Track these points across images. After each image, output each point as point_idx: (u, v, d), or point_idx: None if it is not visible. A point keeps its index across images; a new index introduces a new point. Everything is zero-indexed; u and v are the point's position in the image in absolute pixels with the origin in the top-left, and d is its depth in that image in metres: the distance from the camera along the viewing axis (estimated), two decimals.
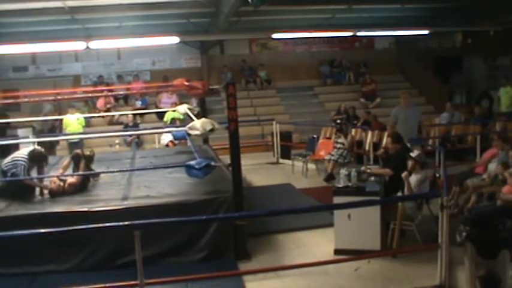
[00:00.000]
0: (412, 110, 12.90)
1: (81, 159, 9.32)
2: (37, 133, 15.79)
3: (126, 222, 5.82)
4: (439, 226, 6.68)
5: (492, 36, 20.05)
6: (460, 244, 6.46)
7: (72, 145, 14.63)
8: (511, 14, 17.35)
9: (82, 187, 8.72)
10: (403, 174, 8.45)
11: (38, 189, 8.54)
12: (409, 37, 21.46)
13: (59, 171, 9.15)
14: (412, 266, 7.43)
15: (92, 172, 9.33)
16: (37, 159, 8.86)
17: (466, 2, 17.27)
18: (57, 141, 16.01)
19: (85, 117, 16.13)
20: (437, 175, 9.45)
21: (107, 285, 6.08)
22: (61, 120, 15.94)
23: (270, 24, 18.51)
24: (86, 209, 7.51)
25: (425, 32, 19.70)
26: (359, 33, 19.62)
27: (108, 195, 8.41)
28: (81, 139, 14.84)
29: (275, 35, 18.83)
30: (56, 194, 8.34)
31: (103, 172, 9.68)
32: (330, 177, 12.45)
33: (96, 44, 16.79)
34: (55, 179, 8.66)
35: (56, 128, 17.21)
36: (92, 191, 8.79)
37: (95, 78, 20.19)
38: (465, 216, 8.46)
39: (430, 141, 14.84)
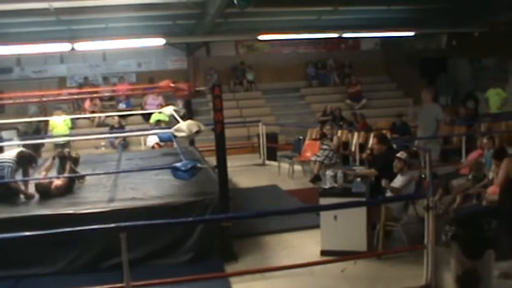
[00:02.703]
0: (430, 108, 12.74)
1: (67, 160, 9.28)
2: (22, 135, 15.71)
3: (112, 225, 5.81)
4: (425, 227, 6.71)
5: (477, 38, 20.17)
6: (446, 244, 6.50)
7: (59, 147, 14.56)
8: (495, 16, 17.47)
9: (68, 189, 8.68)
10: (383, 183, 8.50)
11: (22, 192, 8.49)
12: (394, 38, 21.52)
13: (42, 174, 9.11)
14: (398, 266, 7.46)
15: (78, 174, 9.30)
16: (26, 161, 8.82)
17: (451, 4, 17.37)
18: (43, 143, 15.93)
19: (72, 119, 16.06)
20: (423, 176, 9.49)
21: (93, 287, 6.06)
22: (47, 122, 15.87)
23: (256, 25, 18.50)
24: (71, 212, 7.49)
25: (411, 33, 19.75)
26: (345, 35, 19.64)
27: (94, 197, 8.38)
28: (68, 141, 14.78)
29: (261, 37, 18.82)
30: (43, 192, 8.30)
31: (89, 174, 9.65)
32: (316, 179, 12.47)
33: (81, 46, 16.68)
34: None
35: (41, 130, 17.13)
36: (78, 193, 8.75)
37: (80, 79, 20.10)
38: (451, 216, 8.51)
39: (416, 142, 14.87)
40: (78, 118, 17.47)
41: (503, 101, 17.51)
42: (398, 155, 8.73)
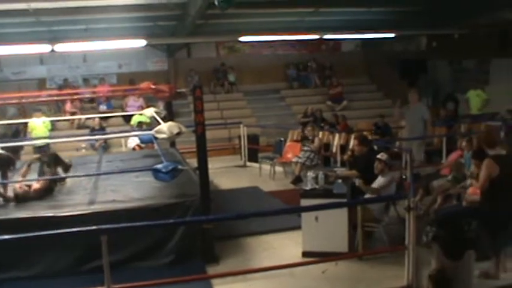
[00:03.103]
0: (417, 108, 12.90)
1: (57, 164, 9.24)
2: (0, 137, 15.55)
3: (92, 227, 5.78)
4: (405, 227, 6.74)
5: (457, 40, 20.35)
6: (427, 245, 6.52)
7: (38, 149, 14.45)
8: (474, 18, 17.61)
9: (48, 192, 8.61)
10: (357, 182, 8.54)
11: (1, 194, 8.41)
12: (375, 40, 21.64)
13: (20, 179, 9.02)
14: (379, 267, 7.49)
15: (58, 176, 9.23)
16: (4, 164, 8.73)
17: (431, 6, 17.49)
18: (22, 146, 15.78)
19: (51, 121, 15.95)
20: (404, 177, 9.53)
21: None
22: (26, 124, 15.74)
23: (237, 27, 18.50)
24: (51, 214, 7.43)
25: (391, 35, 19.87)
26: (326, 36, 19.70)
27: (74, 200, 8.33)
28: (48, 143, 14.67)
29: (242, 38, 18.83)
30: (22, 199, 8.23)
31: (69, 176, 9.57)
32: (298, 180, 12.48)
33: (61, 47, 16.58)
34: (20, 184, 8.54)
35: (20, 132, 16.97)
36: (58, 195, 8.68)
37: (60, 81, 19.95)
38: (431, 217, 8.55)
39: (397, 143, 14.95)
40: (57, 120, 17.34)
41: (483, 102, 17.66)
42: (378, 156, 8.75)
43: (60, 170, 9.56)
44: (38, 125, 15.16)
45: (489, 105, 17.46)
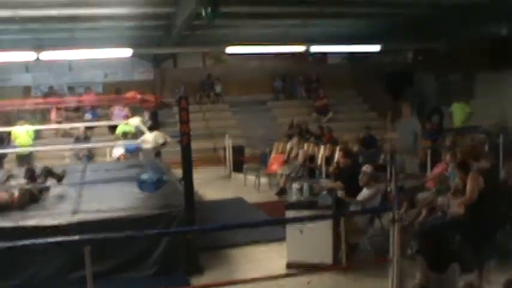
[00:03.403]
0: (409, 121, 13.06)
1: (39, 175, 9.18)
2: None
3: (75, 237, 5.72)
4: (390, 240, 6.74)
5: (442, 54, 20.49)
6: (411, 257, 6.53)
7: (21, 158, 14.35)
8: (460, 33, 17.74)
9: (31, 201, 8.53)
10: (339, 194, 8.57)
11: None
12: (361, 53, 21.75)
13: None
14: (364, 279, 7.48)
15: (42, 185, 9.15)
16: None
17: (417, 20, 17.62)
18: (5, 154, 15.66)
19: (35, 129, 15.85)
20: (389, 189, 9.55)
21: None
22: (9, 132, 15.61)
23: (224, 38, 18.54)
24: (34, 224, 7.35)
25: (377, 48, 19.97)
26: (312, 48, 19.76)
27: (58, 209, 8.25)
28: (31, 152, 14.57)
29: (228, 49, 18.85)
30: (4, 208, 8.14)
31: (53, 185, 9.50)
32: (282, 192, 12.49)
33: (47, 55, 16.51)
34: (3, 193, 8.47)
35: (3, 140, 16.84)
36: (41, 205, 8.60)
37: (45, 89, 19.85)
38: (416, 230, 8.56)
39: (383, 156, 14.98)
40: (42, 128, 17.23)
41: (467, 116, 17.76)
42: (363, 168, 8.78)
43: (50, 181, 9.48)
44: (21, 134, 15.05)
45: (474, 119, 17.55)
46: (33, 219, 7.59)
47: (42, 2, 12.27)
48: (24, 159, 14.52)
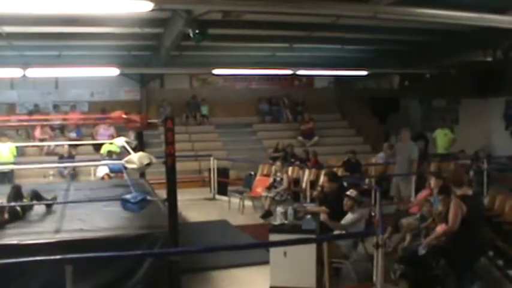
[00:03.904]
0: (406, 145, 13.33)
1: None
2: None
3: (57, 256, 5.67)
4: (374, 265, 6.73)
5: (428, 79, 20.68)
6: (395, 282, 6.53)
7: (3, 175, 14.24)
8: (445, 59, 17.92)
9: (13, 220, 8.44)
10: (322, 217, 8.57)
11: None
12: (348, 77, 21.88)
13: None
14: None
15: (24, 203, 9.06)
16: None
17: (404, 46, 17.79)
18: None
19: (17, 147, 15.75)
20: (373, 214, 9.57)
21: None
22: None
23: (211, 60, 18.62)
24: (15, 242, 7.27)
25: (364, 72, 20.11)
26: (299, 72, 19.86)
27: (40, 227, 8.17)
28: (13, 169, 14.46)
29: (215, 71, 18.90)
30: None
31: (36, 203, 9.41)
32: (268, 214, 12.47)
33: (33, 72, 16.44)
34: None
35: None
36: (24, 223, 8.51)
37: (30, 107, 19.72)
38: (399, 255, 8.56)
39: (367, 180, 15.03)
40: (25, 146, 17.13)
41: (450, 142, 17.86)
42: (348, 193, 8.79)
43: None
44: (3, 151, 14.94)
45: (458, 145, 17.67)
46: (15, 237, 7.51)
47: (29, 19, 12.25)
48: (6, 176, 14.40)
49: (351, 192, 8.82)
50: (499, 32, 12.64)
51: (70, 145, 17.12)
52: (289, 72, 19.71)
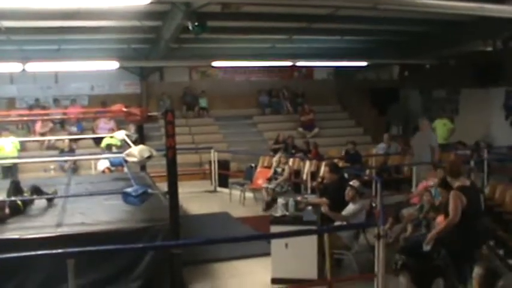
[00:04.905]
0: (425, 135, 13.57)
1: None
2: None
3: (59, 250, 5.68)
4: (375, 255, 6.75)
5: (428, 70, 20.65)
6: (396, 273, 6.54)
7: (6, 170, 14.25)
8: (445, 50, 17.90)
9: (14, 214, 8.45)
10: (322, 209, 8.58)
11: None
12: (347, 68, 21.85)
13: None
14: None
15: (25, 198, 9.07)
16: None
17: (403, 37, 17.76)
18: None
19: (20, 141, 15.76)
20: (374, 205, 9.58)
21: None
22: None
23: (210, 52, 18.57)
24: (17, 236, 7.28)
25: (364, 63, 20.07)
26: (298, 63, 19.83)
27: (41, 222, 8.18)
28: (16, 164, 14.48)
29: (215, 63, 18.86)
30: None
31: (37, 198, 9.42)
32: (269, 206, 12.50)
33: (33, 67, 16.41)
34: None
35: None
36: (25, 217, 8.52)
37: (31, 101, 19.69)
38: (401, 245, 8.58)
39: (367, 171, 15.05)
40: (27, 140, 17.13)
41: (450, 132, 17.85)
42: (351, 183, 8.82)
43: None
44: (6, 145, 14.95)
45: (458, 135, 17.65)
46: (17, 231, 7.53)
47: (28, 13, 12.22)
48: (9, 171, 14.43)
49: (353, 182, 8.84)
50: (499, 22, 12.62)
51: (70, 139, 17.11)
52: (288, 63, 19.66)
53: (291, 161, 14.65)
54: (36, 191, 9.19)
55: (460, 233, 6.96)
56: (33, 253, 5.84)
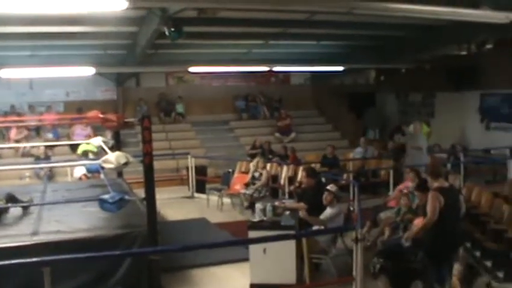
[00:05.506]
0: (419, 137, 14.33)
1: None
2: None
3: (35, 259, 5.62)
4: (353, 259, 6.77)
5: (404, 74, 20.82)
6: (375, 276, 6.56)
7: None
8: (420, 54, 18.05)
9: None
10: (300, 213, 8.60)
11: None
12: (324, 73, 21.91)
13: None
14: None
15: (0, 206, 8.96)
16: None
17: (379, 41, 17.87)
18: None
19: None
20: (352, 209, 9.61)
21: None
22: None
23: (187, 57, 18.54)
24: None
25: (340, 68, 20.15)
26: (275, 69, 19.86)
27: (17, 230, 8.10)
28: None
29: (191, 69, 18.82)
30: None
31: (12, 206, 9.31)
32: (251, 206, 12.52)
33: (7, 73, 16.25)
34: None
35: None
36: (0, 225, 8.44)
37: (5, 108, 19.47)
38: (379, 248, 8.61)
39: (345, 176, 15.10)
40: (1, 148, 16.95)
41: (427, 135, 17.97)
42: (328, 187, 8.84)
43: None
44: None
45: (435, 138, 17.79)
46: None
47: (1, 19, 12.10)
48: None
49: (331, 187, 8.87)
50: (473, 26, 12.73)
51: (46, 146, 16.95)
52: (265, 69, 19.68)
53: (268, 166, 14.66)
54: (11, 199, 9.08)
55: (437, 234, 7.00)
56: (8, 262, 5.76)
